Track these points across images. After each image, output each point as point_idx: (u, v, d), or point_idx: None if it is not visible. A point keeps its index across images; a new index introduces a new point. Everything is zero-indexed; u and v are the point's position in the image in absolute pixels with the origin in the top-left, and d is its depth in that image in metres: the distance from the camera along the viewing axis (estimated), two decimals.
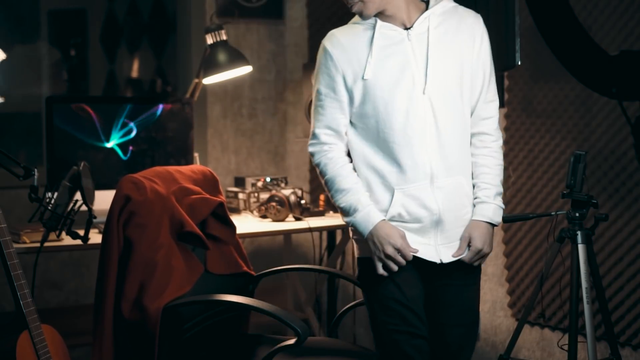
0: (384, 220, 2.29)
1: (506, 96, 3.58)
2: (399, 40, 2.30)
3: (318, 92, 2.34)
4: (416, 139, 2.27)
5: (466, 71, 2.32)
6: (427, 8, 2.34)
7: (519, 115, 3.52)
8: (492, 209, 2.35)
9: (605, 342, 3.16)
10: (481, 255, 2.35)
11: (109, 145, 3.33)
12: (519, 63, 3.04)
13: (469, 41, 2.33)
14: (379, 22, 2.31)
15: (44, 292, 4.03)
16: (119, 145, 3.35)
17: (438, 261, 2.32)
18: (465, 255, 2.34)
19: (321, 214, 3.72)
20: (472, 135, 2.38)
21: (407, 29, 2.31)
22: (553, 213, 2.83)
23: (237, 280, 2.78)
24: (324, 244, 4.22)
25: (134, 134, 3.38)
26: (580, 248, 2.73)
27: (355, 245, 2.41)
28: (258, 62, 4.48)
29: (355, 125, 2.35)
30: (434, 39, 2.29)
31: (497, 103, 2.41)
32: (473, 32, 2.34)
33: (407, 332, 2.30)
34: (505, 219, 2.94)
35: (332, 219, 3.70)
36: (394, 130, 2.27)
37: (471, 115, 2.37)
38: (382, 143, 2.30)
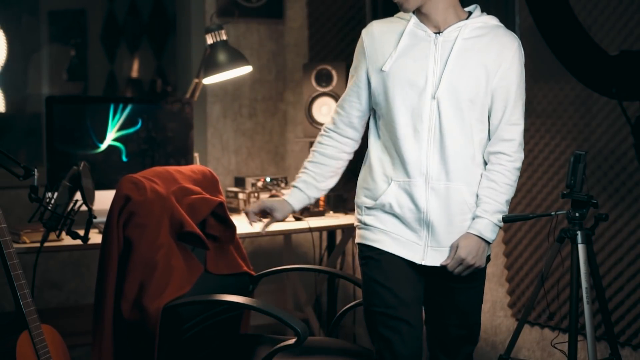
0: (284, 199, 2.54)
1: None
2: (425, 42, 2.35)
3: (349, 73, 2.49)
4: (418, 137, 2.33)
5: (484, 88, 2.33)
6: (467, 19, 2.37)
7: None
8: (485, 224, 2.34)
9: (605, 342, 3.16)
10: (466, 266, 2.35)
11: (109, 143, 3.32)
12: None
13: (496, 61, 2.33)
14: (413, 20, 2.36)
15: (44, 292, 4.03)
16: (121, 138, 3.34)
17: (419, 262, 2.36)
18: (449, 262, 2.36)
19: (321, 214, 3.72)
20: (490, 153, 2.38)
21: (438, 33, 2.35)
22: (553, 213, 2.83)
23: (236, 280, 2.78)
24: (324, 244, 4.22)
25: (139, 125, 3.38)
26: (580, 248, 2.73)
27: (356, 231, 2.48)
28: (258, 62, 4.49)
29: (373, 113, 2.46)
30: (459, 48, 2.32)
31: (521, 127, 2.40)
32: (503, 53, 2.34)
33: (385, 314, 2.35)
34: (505, 219, 2.93)
35: (332, 219, 3.70)
36: (398, 124, 2.35)
37: (490, 133, 2.39)
38: (388, 134, 2.38)
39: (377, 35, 2.41)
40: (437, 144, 2.33)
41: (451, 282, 2.40)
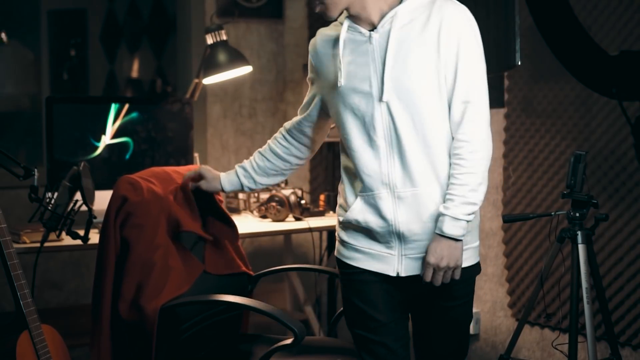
0: (219, 177, 2.55)
1: (506, 96, 3.58)
2: (362, 43, 2.18)
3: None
4: (375, 147, 2.18)
5: (435, 74, 2.13)
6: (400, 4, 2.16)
7: (519, 115, 3.52)
8: (445, 221, 2.13)
9: (605, 342, 3.16)
10: (442, 270, 2.15)
11: (109, 142, 3.32)
12: (519, 63, 3.04)
13: (438, 38, 2.12)
14: (346, 24, 2.20)
15: (44, 292, 4.03)
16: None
17: (394, 274, 2.22)
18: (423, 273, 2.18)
19: (321, 214, 3.72)
20: (453, 141, 2.17)
21: (373, 29, 2.18)
22: (553, 213, 2.83)
23: (234, 280, 2.78)
24: (324, 244, 4.21)
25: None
26: (581, 248, 2.73)
27: None
28: (258, 62, 4.48)
29: None
30: (395, 41, 2.13)
31: (475, 105, 2.14)
32: (443, 26, 2.12)
33: (363, 337, 2.31)
34: (505, 219, 2.95)
35: (332, 219, 3.70)
36: (352, 136, 2.21)
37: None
38: (346, 148, 2.27)
39: (319, 48, 2.28)
40: (395, 150, 2.16)
41: (442, 301, 2.26)
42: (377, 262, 2.25)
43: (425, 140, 2.15)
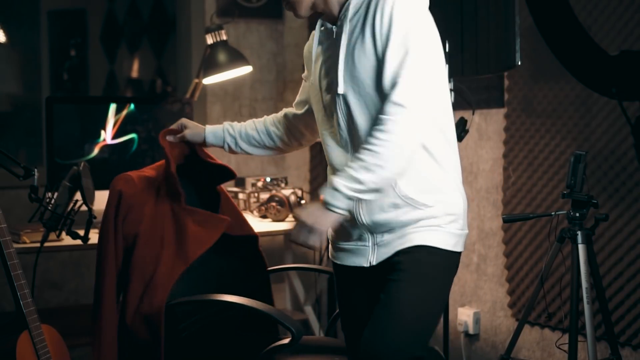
0: (203, 127, 2.57)
1: (506, 96, 3.58)
2: (329, 39, 2.22)
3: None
4: (341, 141, 2.19)
5: (379, 61, 2.08)
6: None
7: (519, 115, 3.52)
8: (327, 188, 2.05)
9: (605, 342, 3.16)
10: (305, 228, 2.09)
11: (109, 143, 3.32)
12: (519, 63, 3.04)
13: (376, 22, 2.07)
14: (319, 22, 2.25)
15: (44, 292, 4.03)
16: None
17: (367, 265, 2.21)
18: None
19: None
20: None
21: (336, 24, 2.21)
22: (553, 213, 2.83)
23: (236, 278, 2.78)
24: (324, 244, 4.21)
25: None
26: (581, 248, 2.73)
27: None
28: (258, 62, 4.49)
29: None
30: (346, 33, 2.14)
31: (402, 87, 2.01)
32: (378, 11, 2.07)
33: (348, 338, 2.36)
34: (505, 219, 2.95)
35: None
36: (324, 131, 2.25)
37: None
38: (322, 144, 2.30)
39: (309, 48, 2.36)
40: (355, 142, 2.15)
41: (387, 274, 2.15)
42: (354, 256, 2.26)
43: None
